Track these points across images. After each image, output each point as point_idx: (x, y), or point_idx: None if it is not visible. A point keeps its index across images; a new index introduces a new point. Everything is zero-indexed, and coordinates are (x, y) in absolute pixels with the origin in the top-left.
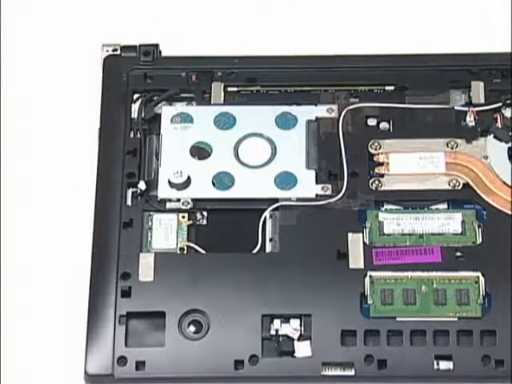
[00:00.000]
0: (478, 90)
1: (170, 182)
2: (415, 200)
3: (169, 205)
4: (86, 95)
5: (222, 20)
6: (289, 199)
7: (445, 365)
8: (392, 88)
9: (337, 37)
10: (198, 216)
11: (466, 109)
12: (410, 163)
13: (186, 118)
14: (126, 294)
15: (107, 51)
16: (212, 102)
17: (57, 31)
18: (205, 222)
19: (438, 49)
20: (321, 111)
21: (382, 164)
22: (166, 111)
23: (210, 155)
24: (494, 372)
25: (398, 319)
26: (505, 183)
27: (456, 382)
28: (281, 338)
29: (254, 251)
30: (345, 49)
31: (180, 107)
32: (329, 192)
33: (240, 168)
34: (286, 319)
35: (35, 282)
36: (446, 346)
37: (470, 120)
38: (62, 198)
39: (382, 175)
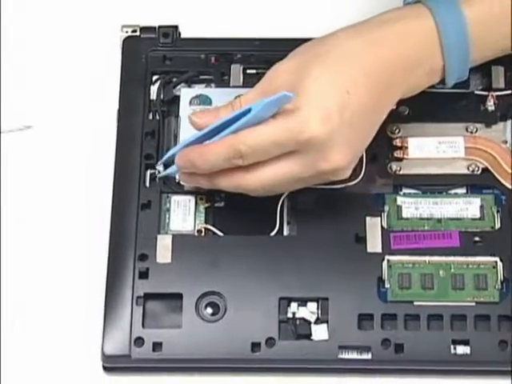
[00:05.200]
0: (499, 74)
1: None
2: (434, 184)
3: (187, 187)
4: (104, 76)
5: (241, 2)
6: None
7: (462, 349)
8: None
9: (356, 20)
10: (216, 198)
11: (485, 93)
12: (429, 147)
13: (205, 100)
14: (144, 275)
15: (126, 32)
16: (231, 84)
17: (77, 12)
18: (222, 204)
19: None
20: None
21: (400, 148)
22: (185, 93)
23: None
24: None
25: (415, 303)
26: None
27: (473, 367)
28: (298, 321)
29: (272, 234)
30: None
31: (199, 89)
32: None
33: None
34: (303, 302)
35: (53, 262)
36: (464, 330)
37: (490, 104)
38: (81, 179)
39: (401, 159)
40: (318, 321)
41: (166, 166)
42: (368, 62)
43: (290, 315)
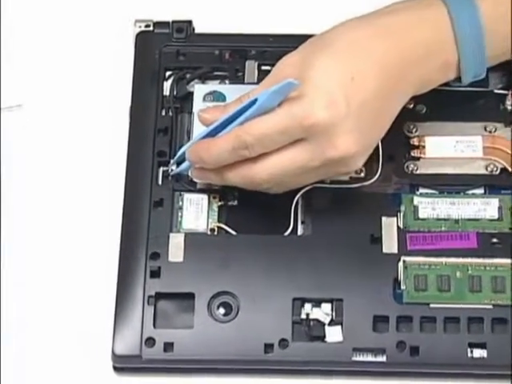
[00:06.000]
0: None
1: None
2: (451, 184)
3: (199, 184)
4: (117, 72)
5: None
6: (322, 182)
7: (478, 353)
8: None
9: None
10: (229, 196)
11: (505, 92)
12: (446, 147)
13: (219, 97)
14: (156, 274)
15: (140, 27)
16: (245, 81)
17: (89, 6)
18: (236, 202)
19: None
20: None
21: (417, 147)
22: (199, 89)
23: None
24: None
25: (431, 306)
26: None
27: (490, 370)
28: (311, 323)
29: (286, 233)
30: None
31: (213, 85)
32: (363, 175)
33: None
34: (317, 303)
35: (63, 261)
36: (480, 333)
37: (509, 104)
38: (92, 177)
39: (418, 158)
40: (332, 322)
41: (179, 164)
42: (375, 50)
43: (303, 316)
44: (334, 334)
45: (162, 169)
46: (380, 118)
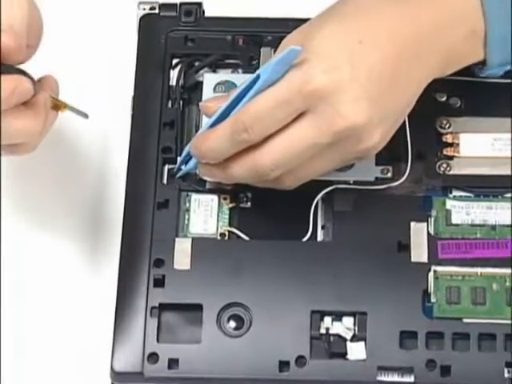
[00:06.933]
0: None
1: None
2: (488, 187)
3: (209, 184)
4: (119, 59)
5: None
6: (345, 182)
7: None
8: None
9: None
10: (242, 198)
11: None
12: (483, 145)
13: (231, 87)
14: (159, 283)
15: (144, 9)
16: None
17: None
18: (249, 204)
19: None
20: None
21: (451, 145)
22: (209, 79)
23: None
24: None
25: (464, 320)
26: None
27: None
28: (332, 338)
29: (304, 239)
30: None
31: (224, 75)
32: (390, 175)
33: None
34: (338, 317)
35: (58, 268)
36: None
37: None
38: (91, 174)
39: (451, 157)
40: (354, 338)
41: (187, 162)
42: (389, 16)
43: (323, 331)
44: (356, 351)
45: (167, 166)
46: (394, 86)
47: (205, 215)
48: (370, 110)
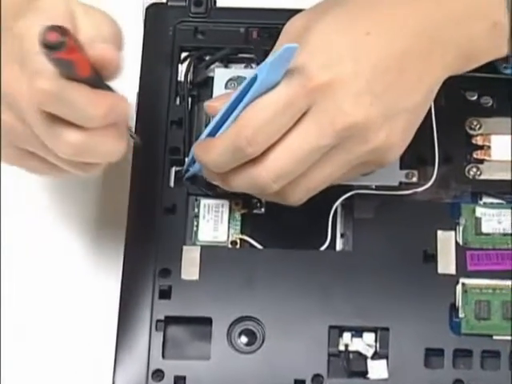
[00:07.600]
0: None
1: None
2: None
3: (220, 188)
4: (123, 52)
5: None
6: (366, 187)
7: None
8: None
9: None
10: (255, 203)
11: None
12: None
13: None
14: (165, 294)
15: None
16: None
17: None
18: (262, 210)
19: None
20: None
21: (481, 148)
22: (220, 74)
23: None
24: None
25: (494, 337)
26: None
27: None
28: (351, 356)
29: (322, 248)
30: None
31: (236, 70)
32: (415, 180)
33: None
34: (358, 332)
35: (59, 277)
36: None
37: None
38: (92, 177)
39: (482, 161)
40: (375, 355)
41: (194, 163)
42: (401, 6)
43: (341, 348)
44: (377, 370)
45: (174, 168)
46: (402, 82)
47: (215, 221)
48: (375, 107)
